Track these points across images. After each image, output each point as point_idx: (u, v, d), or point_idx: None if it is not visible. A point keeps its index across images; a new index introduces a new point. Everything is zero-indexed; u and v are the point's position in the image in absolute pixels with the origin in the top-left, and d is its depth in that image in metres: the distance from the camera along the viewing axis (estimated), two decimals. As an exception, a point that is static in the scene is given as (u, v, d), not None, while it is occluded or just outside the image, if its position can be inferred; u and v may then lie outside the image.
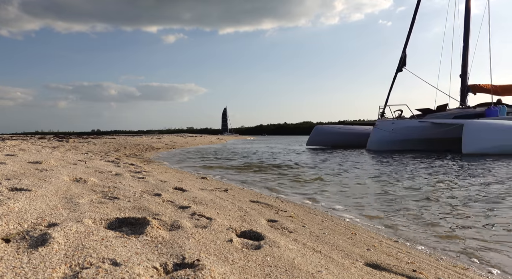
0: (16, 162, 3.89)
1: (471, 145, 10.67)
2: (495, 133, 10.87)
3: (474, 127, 11.00)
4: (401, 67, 14.48)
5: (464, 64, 15.64)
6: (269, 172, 6.05)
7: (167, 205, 2.22)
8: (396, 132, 12.90)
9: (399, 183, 4.59)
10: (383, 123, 13.33)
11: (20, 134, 27.59)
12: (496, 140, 10.73)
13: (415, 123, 13.01)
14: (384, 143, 13.00)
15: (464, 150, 10.61)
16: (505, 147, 10.66)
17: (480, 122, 11.44)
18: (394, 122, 13.30)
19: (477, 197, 3.62)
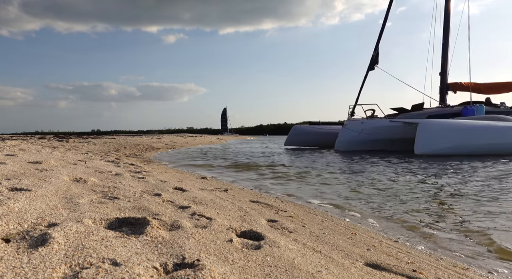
0: (16, 162, 3.89)
1: (423, 146, 10.28)
2: (450, 133, 10.47)
3: (428, 127, 10.58)
4: (373, 66, 14.10)
5: (443, 62, 15.27)
6: (261, 170, 6.06)
7: (167, 205, 2.22)
8: (366, 133, 12.51)
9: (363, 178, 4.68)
10: (352, 123, 12.94)
11: (20, 134, 27.59)
12: (451, 140, 10.33)
13: (386, 123, 12.52)
14: (353, 143, 12.67)
15: (416, 151, 10.20)
16: (461, 147, 10.24)
17: (435, 122, 11.02)
18: (364, 122, 12.87)
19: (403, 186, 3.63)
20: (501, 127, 10.76)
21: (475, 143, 10.32)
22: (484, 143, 10.36)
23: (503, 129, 10.67)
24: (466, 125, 10.75)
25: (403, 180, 4.96)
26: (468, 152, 10.15)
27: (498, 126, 10.78)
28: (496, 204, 3.26)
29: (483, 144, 10.33)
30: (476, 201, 3.39)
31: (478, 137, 10.41)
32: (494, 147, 10.39)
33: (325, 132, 15.75)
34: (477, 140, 10.36)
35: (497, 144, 10.42)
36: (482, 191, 3.97)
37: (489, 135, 10.50)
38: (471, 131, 10.51)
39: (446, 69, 15.21)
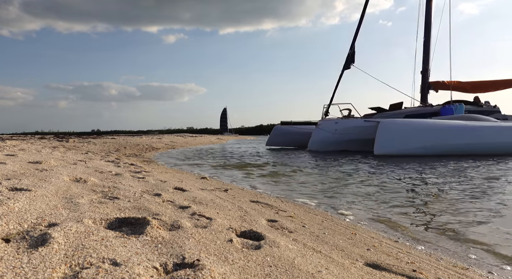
0: (16, 162, 3.89)
1: (383, 146, 9.80)
2: (411, 133, 9.95)
3: (387, 127, 10.10)
4: (349, 65, 13.66)
5: (425, 61, 14.76)
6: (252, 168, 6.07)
7: (167, 205, 2.22)
8: (340, 133, 12.10)
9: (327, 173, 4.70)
10: (325, 123, 12.59)
11: (20, 134, 27.58)
12: (412, 140, 9.83)
13: (360, 123, 12.04)
14: (327, 144, 12.28)
15: (375, 151, 9.76)
16: (424, 148, 9.76)
17: (395, 122, 10.57)
18: (338, 122, 12.47)
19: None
20: (469, 127, 10.27)
21: (438, 143, 9.88)
22: (449, 143, 9.91)
23: (471, 129, 10.18)
24: (430, 125, 10.26)
25: (387, 181, 4.97)
26: (432, 153, 9.71)
27: (466, 126, 10.30)
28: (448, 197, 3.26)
29: (447, 144, 9.88)
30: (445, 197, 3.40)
31: (442, 137, 9.97)
32: (460, 147, 9.93)
33: (306, 133, 15.07)
34: (441, 140, 9.92)
35: (463, 144, 9.95)
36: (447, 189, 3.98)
37: (454, 136, 10.04)
38: (434, 131, 10.04)
39: (427, 68, 14.78)
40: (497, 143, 10.05)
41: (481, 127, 10.32)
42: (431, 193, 3.88)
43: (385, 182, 4.79)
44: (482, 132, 10.17)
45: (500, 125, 10.55)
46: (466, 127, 10.24)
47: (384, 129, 10.04)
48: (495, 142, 10.06)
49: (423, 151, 9.73)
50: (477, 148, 9.97)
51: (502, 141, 10.10)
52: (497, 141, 10.07)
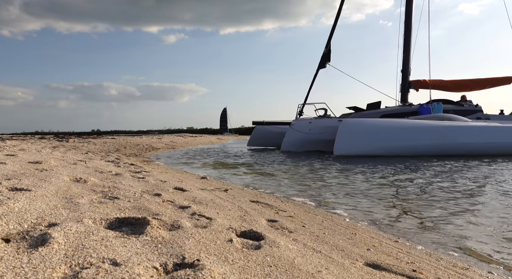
0: (16, 162, 3.89)
1: (342, 147, 9.52)
2: (373, 134, 9.61)
3: (348, 127, 9.80)
4: (325, 63, 13.28)
5: (405, 60, 14.38)
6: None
7: (167, 205, 2.22)
8: (314, 133, 11.82)
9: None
10: (299, 123, 12.28)
11: (20, 134, 27.58)
12: (374, 141, 9.50)
13: (334, 123, 11.62)
14: (300, 144, 11.97)
15: (335, 151, 9.51)
16: (385, 149, 9.41)
17: (357, 122, 10.25)
18: (312, 121, 12.19)
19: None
20: (433, 127, 9.90)
21: (400, 143, 9.56)
22: (411, 143, 9.60)
23: (434, 129, 9.81)
24: (392, 125, 9.90)
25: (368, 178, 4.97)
26: (393, 153, 9.38)
27: (430, 126, 9.91)
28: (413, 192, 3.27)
29: (409, 145, 9.57)
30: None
31: (404, 138, 9.63)
32: (423, 148, 9.61)
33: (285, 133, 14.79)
34: (403, 141, 9.60)
35: (426, 144, 9.63)
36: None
37: (417, 136, 9.69)
38: (396, 131, 9.68)
39: (408, 67, 14.40)
40: (461, 144, 9.76)
41: (446, 128, 9.96)
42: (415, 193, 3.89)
43: (354, 179, 4.80)
44: (447, 133, 9.84)
45: (469, 126, 10.22)
46: (430, 128, 9.88)
47: (344, 129, 9.77)
48: (460, 142, 9.76)
49: (384, 151, 9.40)
50: (440, 149, 9.67)
51: (467, 141, 9.82)
52: (461, 142, 9.77)
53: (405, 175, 5.61)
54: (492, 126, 10.35)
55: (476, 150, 9.81)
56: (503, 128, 10.30)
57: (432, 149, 9.61)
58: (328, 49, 13.27)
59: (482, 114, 12.82)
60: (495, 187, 4.30)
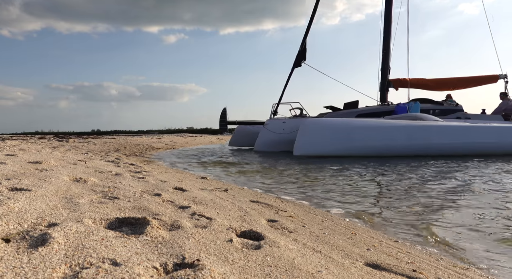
0: (16, 162, 3.89)
1: (301, 147, 9.19)
2: (334, 134, 9.25)
3: (308, 128, 9.46)
4: (300, 62, 12.87)
5: (384, 58, 13.90)
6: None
7: (167, 205, 2.22)
8: (287, 133, 11.35)
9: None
10: (273, 123, 11.96)
11: (20, 134, 27.55)
12: (335, 141, 9.15)
13: None
14: (274, 144, 11.60)
15: (295, 152, 9.21)
16: (346, 149, 9.08)
17: (318, 122, 9.90)
18: (286, 121, 11.80)
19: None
20: (401, 126, 9.49)
21: (362, 143, 9.17)
22: (375, 143, 9.21)
23: (402, 129, 9.42)
24: (356, 125, 9.50)
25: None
26: (356, 153, 9.08)
27: (398, 126, 9.51)
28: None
29: (373, 145, 9.20)
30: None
31: (367, 137, 9.24)
32: (388, 148, 9.23)
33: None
34: (366, 141, 9.20)
35: (392, 145, 9.23)
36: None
37: (382, 136, 9.28)
38: (359, 131, 9.29)
39: (387, 65, 13.96)
40: (428, 144, 9.40)
41: (413, 127, 9.54)
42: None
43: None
44: (412, 133, 9.43)
45: (437, 125, 9.80)
46: (395, 127, 9.48)
47: (304, 129, 9.43)
48: (426, 142, 9.40)
49: (345, 151, 9.09)
50: (404, 148, 9.29)
51: (434, 141, 9.44)
52: (428, 142, 9.41)
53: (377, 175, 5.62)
54: (463, 126, 9.92)
55: (444, 150, 9.46)
56: (475, 128, 9.89)
57: (396, 149, 9.23)
58: (303, 48, 12.87)
59: (462, 113, 12.47)
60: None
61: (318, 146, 9.18)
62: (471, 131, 9.80)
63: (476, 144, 9.68)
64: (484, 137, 9.80)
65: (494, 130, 10.01)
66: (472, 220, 2.70)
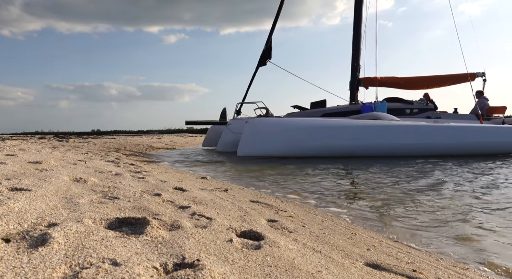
0: (16, 161, 3.89)
1: (245, 147, 8.91)
2: (277, 134, 8.95)
3: (252, 128, 9.18)
4: (265, 61, 12.46)
5: (354, 57, 13.53)
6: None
7: (167, 205, 2.22)
8: None
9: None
10: (236, 123, 11.56)
11: (20, 134, 27.55)
12: (279, 141, 8.86)
13: None
14: (237, 144, 11.10)
15: (238, 152, 8.94)
16: (291, 149, 8.80)
17: (261, 122, 9.56)
18: (248, 121, 11.33)
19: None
20: (352, 126, 9.14)
21: (311, 143, 8.86)
22: (323, 143, 8.89)
23: (352, 129, 9.06)
24: (303, 125, 9.13)
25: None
26: (302, 154, 8.80)
27: (348, 126, 9.16)
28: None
29: (321, 145, 8.89)
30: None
31: (314, 137, 8.92)
32: (336, 148, 8.91)
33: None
34: (313, 141, 8.88)
35: (340, 145, 8.91)
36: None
37: (330, 136, 8.94)
38: (306, 131, 8.95)
39: (357, 64, 13.56)
40: (380, 144, 9.03)
41: (364, 127, 9.16)
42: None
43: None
44: (362, 132, 9.03)
45: (391, 125, 9.39)
46: (344, 127, 9.11)
47: (248, 130, 9.14)
48: (378, 142, 9.01)
49: (291, 152, 8.82)
50: (354, 149, 8.97)
51: (387, 141, 9.06)
52: (380, 142, 9.02)
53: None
54: (421, 126, 9.42)
55: (397, 150, 9.09)
56: (429, 128, 9.40)
57: (342, 149, 8.93)
58: (268, 46, 12.44)
59: (433, 113, 12.19)
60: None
61: (262, 146, 8.87)
62: (425, 132, 9.31)
63: (430, 145, 9.26)
64: (439, 138, 9.33)
65: (451, 130, 9.49)
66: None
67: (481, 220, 2.69)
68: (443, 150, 9.27)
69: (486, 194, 3.77)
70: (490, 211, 2.97)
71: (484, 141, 9.56)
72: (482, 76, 13.56)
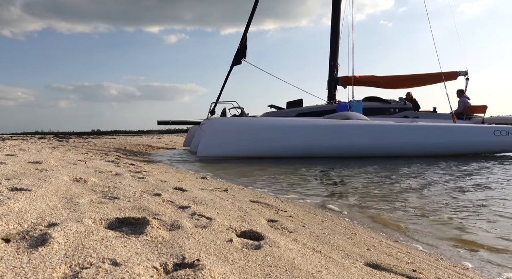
0: (16, 161, 3.89)
1: (205, 148, 8.66)
2: (239, 134, 8.68)
3: (210, 128, 8.93)
4: (240, 60, 12.04)
5: (333, 55, 13.15)
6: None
7: (167, 205, 2.22)
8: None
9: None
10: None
11: (20, 134, 27.51)
12: (240, 141, 8.58)
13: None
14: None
15: (198, 153, 8.68)
16: (252, 149, 8.53)
17: (222, 121, 9.32)
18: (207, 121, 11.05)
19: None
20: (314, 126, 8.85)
21: (271, 144, 8.60)
22: (282, 144, 8.63)
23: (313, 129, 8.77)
24: (264, 125, 8.85)
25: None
26: (264, 154, 8.51)
27: (310, 126, 8.86)
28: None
29: (280, 146, 8.63)
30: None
31: (273, 138, 8.68)
32: (296, 149, 8.65)
33: None
34: (273, 141, 8.63)
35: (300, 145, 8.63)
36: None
37: (290, 136, 8.65)
38: (266, 131, 8.67)
39: (335, 62, 13.21)
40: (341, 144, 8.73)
41: (323, 127, 8.87)
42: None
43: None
44: (322, 133, 8.73)
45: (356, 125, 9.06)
46: (305, 127, 8.78)
47: (206, 130, 8.90)
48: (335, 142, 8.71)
49: (252, 152, 8.52)
50: (315, 149, 8.67)
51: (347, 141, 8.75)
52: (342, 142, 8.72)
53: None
54: (387, 126, 9.08)
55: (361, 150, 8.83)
56: (400, 127, 9.07)
57: (304, 149, 8.65)
58: (243, 45, 12.01)
59: (410, 112, 11.89)
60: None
61: (222, 146, 8.61)
62: (392, 131, 8.97)
63: (398, 144, 8.94)
64: (407, 138, 8.97)
65: (420, 130, 9.11)
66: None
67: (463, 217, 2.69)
68: (411, 150, 8.97)
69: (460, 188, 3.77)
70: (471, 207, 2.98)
71: (454, 141, 9.24)
72: (464, 75, 13.16)
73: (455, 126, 9.60)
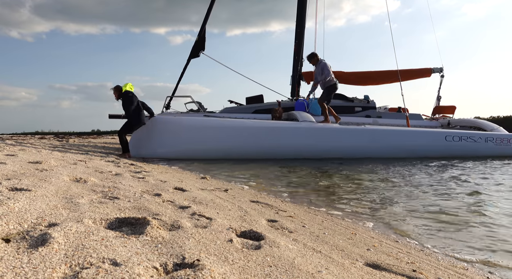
0: (16, 162, 3.89)
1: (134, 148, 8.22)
2: (179, 134, 8.33)
3: (155, 127, 8.47)
4: (198, 52, 11.72)
5: (297, 48, 12.71)
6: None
7: (167, 205, 2.22)
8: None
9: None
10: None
11: (20, 135, 27.48)
12: (180, 142, 8.29)
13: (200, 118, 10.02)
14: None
15: (132, 152, 8.15)
16: (193, 150, 8.27)
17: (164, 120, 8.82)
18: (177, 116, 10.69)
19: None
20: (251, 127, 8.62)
21: (211, 145, 8.36)
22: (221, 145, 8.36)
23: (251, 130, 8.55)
24: (204, 125, 8.57)
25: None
26: (206, 155, 8.31)
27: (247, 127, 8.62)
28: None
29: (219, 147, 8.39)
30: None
31: (212, 138, 8.41)
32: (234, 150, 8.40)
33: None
34: (214, 142, 8.38)
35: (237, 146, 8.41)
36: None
37: (232, 137, 8.43)
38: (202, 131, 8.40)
39: (299, 58, 12.76)
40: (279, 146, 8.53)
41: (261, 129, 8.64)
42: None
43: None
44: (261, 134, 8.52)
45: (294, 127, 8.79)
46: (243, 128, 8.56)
47: (151, 129, 8.41)
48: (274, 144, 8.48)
49: (193, 153, 8.27)
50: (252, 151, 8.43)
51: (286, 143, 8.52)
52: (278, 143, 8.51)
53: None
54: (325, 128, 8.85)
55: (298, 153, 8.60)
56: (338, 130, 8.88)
57: (245, 151, 8.41)
58: (201, 37, 11.64)
59: (373, 111, 11.61)
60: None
61: (162, 147, 8.27)
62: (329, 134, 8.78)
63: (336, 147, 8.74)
64: (352, 141, 8.79)
65: (365, 132, 8.95)
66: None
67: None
68: (356, 153, 8.76)
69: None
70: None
71: (402, 145, 9.06)
72: (439, 72, 12.83)
73: (404, 130, 9.37)
